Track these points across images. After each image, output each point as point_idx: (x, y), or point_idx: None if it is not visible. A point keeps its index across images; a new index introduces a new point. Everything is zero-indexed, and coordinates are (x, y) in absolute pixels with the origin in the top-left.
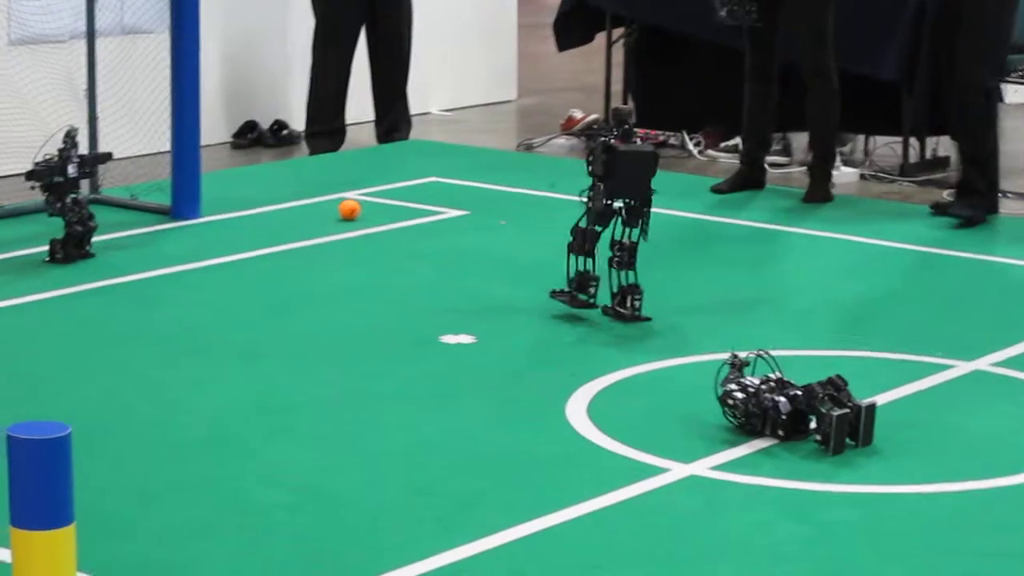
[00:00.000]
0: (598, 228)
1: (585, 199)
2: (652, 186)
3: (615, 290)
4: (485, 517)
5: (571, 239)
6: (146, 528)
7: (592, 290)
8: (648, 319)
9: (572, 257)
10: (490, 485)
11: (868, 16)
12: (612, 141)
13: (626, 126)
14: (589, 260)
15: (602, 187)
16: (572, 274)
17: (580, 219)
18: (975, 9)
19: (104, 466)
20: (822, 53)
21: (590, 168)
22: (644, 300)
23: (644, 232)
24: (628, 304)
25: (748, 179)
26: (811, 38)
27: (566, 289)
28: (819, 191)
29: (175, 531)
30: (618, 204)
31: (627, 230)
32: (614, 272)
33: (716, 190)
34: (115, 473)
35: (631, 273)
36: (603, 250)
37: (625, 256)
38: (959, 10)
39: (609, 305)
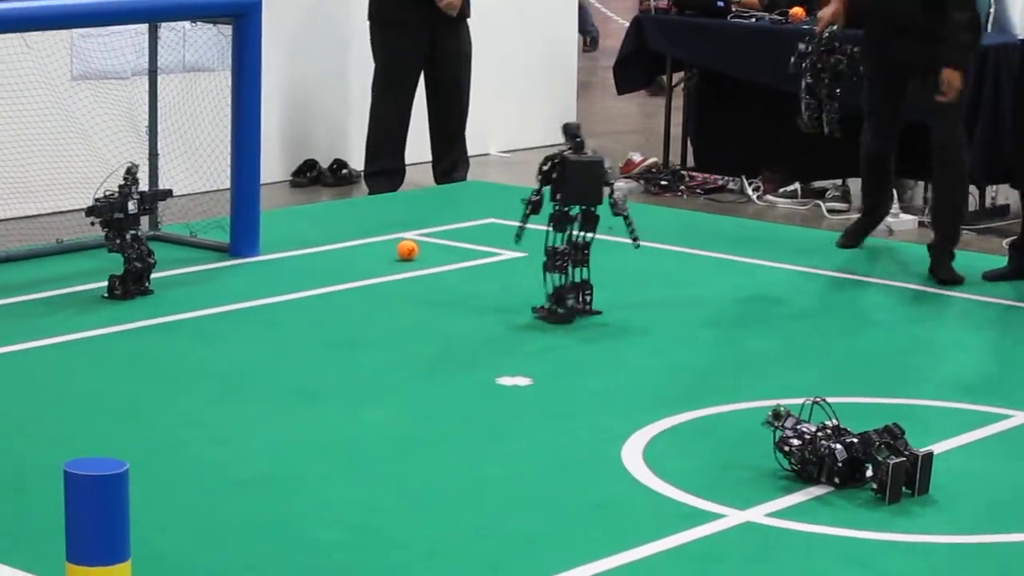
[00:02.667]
0: (558, 239)
1: (526, 203)
2: (615, 190)
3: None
4: (539, 560)
5: (545, 259)
6: (201, 566)
7: (570, 303)
8: (598, 312)
9: (547, 275)
10: (545, 528)
11: None
12: (565, 153)
13: (577, 139)
14: (563, 276)
15: (549, 193)
16: (550, 290)
17: (547, 238)
18: None
19: (160, 503)
20: (960, 127)
21: (539, 176)
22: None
23: (635, 239)
24: (580, 299)
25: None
26: (951, 114)
27: (545, 305)
28: (947, 272)
29: (230, 569)
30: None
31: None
32: (569, 269)
33: (842, 245)
34: (171, 510)
35: (585, 270)
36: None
37: (579, 255)
38: None
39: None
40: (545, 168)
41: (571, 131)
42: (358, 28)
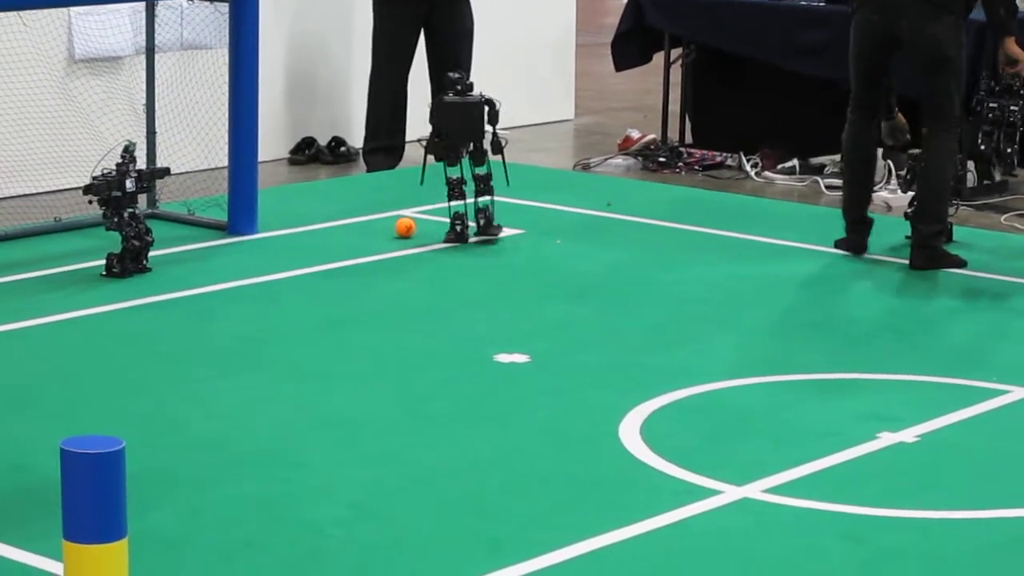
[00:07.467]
0: (454, 171)
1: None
2: (497, 131)
3: (475, 214)
4: (538, 537)
5: (448, 189)
6: (198, 543)
7: (459, 228)
8: (499, 227)
9: (451, 204)
10: (543, 505)
11: None
12: (443, 97)
13: (459, 86)
14: (463, 203)
15: (440, 134)
16: (451, 217)
17: (446, 171)
18: None
19: (157, 480)
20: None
21: (431, 120)
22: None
23: (505, 177)
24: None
25: None
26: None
27: (448, 231)
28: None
29: (227, 546)
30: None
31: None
32: (478, 200)
33: None
34: (169, 487)
35: (491, 199)
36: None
37: (482, 186)
38: None
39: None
40: (432, 115)
41: (450, 81)
42: (358, 4)
